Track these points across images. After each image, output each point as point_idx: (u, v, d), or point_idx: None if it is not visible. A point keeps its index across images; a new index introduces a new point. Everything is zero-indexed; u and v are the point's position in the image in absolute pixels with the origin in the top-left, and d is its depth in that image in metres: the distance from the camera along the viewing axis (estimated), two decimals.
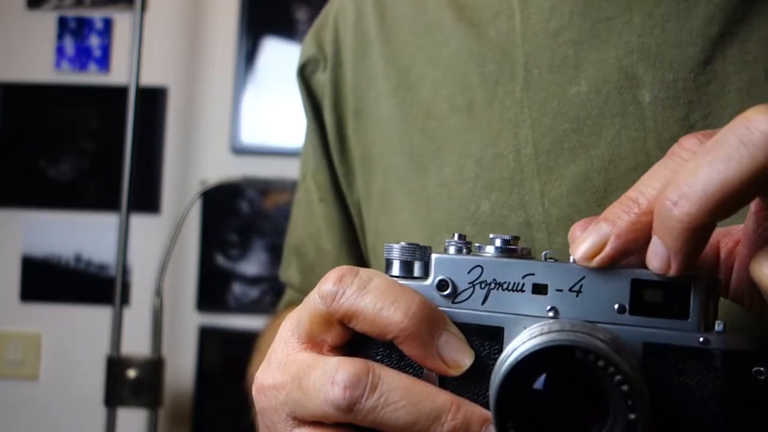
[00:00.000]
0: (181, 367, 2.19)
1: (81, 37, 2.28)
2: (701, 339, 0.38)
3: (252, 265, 2.20)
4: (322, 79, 0.75)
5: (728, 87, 0.55)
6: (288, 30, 2.23)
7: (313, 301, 0.41)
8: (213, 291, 2.21)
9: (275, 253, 2.18)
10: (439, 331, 0.40)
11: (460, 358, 0.40)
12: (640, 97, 0.56)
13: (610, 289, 0.39)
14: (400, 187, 0.66)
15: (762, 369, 0.38)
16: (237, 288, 2.20)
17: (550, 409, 0.37)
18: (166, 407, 2.09)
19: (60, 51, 2.28)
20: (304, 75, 0.77)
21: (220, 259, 2.21)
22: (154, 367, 1.93)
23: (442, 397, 0.39)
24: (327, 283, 0.41)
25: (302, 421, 0.41)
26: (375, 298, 0.40)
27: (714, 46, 0.55)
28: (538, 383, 0.37)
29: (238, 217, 2.21)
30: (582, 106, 0.58)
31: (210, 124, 2.25)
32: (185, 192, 2.21)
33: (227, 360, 2.19)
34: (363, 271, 0.41)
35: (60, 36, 2.28)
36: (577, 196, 0.57)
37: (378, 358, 0.41)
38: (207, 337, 2.20)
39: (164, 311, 2.03)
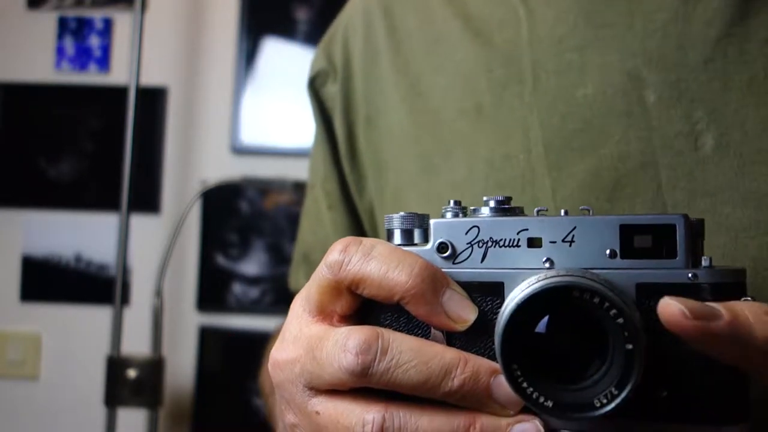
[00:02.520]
0: (181, 367, 2.19)
1: (81, 37, 2.28)
2: (690, 275, 0.40)
3: (252, 265, 2.20)
4: (332, 90, 0.77)
5: (730, 85, 0.56)
6: (288, 30, 2.23)
7: (321, 272, 0.43)
8: (213, 291, 2.21)
9: (275, 253, 2.18)
10: (442, 289, 0.42)
11: (465, 313, 0.42)
12: (645, 97, 0.58)
13: (600, 236, 0.41)
14: (413, 189, 0.68)
15: (750, 298, 0.40)
16: (237, 288, 2.21)
17: (553, 349, 0.39)
18: (166, 407, 2.09)
19: (60, 51, 2.28)
20: (315, 87, 0.79)
21: (220, 259, 2.21)
22: (154, 367, 1.93)
23: (450, 354, 0.41)
24: (333, 253, 0.43)
25: (319, 391, 0.44)
26: (380, 262, 0.42)
27: (714, 47, 0.57)
28: (540, 325, 0.39)
29: (238, 217, 2.21)
30: (589, 107, 0.60)
31: (210, 124, 2.25)
32: (185, 192, 2.22)
33: (227, 360, 2.19)
34: (366, 239, 0.43)
35: (60, 36, 2.29)
36: (587, 192, 0.58)
37: (386, 323, 0.43)
38: (207, 337, 2.20)
39: (164, 311, 2.03)
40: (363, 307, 0.44)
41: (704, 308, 0.37)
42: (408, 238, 0.44)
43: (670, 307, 0.36)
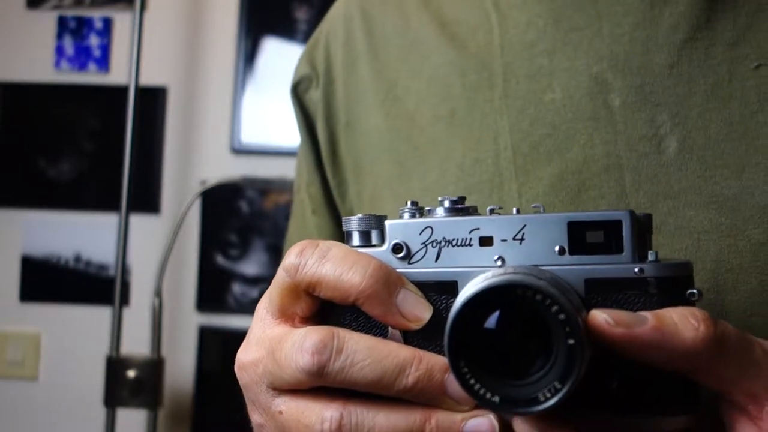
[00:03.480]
0: (181, 367, 2.19)
1: (80, 36, 2.28)
2: (636, 269, 0.41)
3: (252, 265, 2.20)
4: (315, 96, 0.78)
5: (694, 89, 0.57)
6: (288, 30, 2.23)
7: (280, 276, 0.45)
8: (213, 291, 2.21)
9: (275, 253, 2.18)
10: (396, 289, 0.43)
11: (419, 311, 0.43)
12: (610, 101, 0.59)
13: (549, 233, 0.42)
14: (388, 193, 0.69)
15: (695, 291, 0.41)
16: (237, 288, 2.20)
17: (500, 345, 0.40)
18: (165, 407, 2.09)
19: (59, 51, 2.28)
20: (298, 93, 0.80)
21: (220, 259, 2.21)
22: (153, 367, 1.93)
23: (405, 352, 0.42)
24: (290, 257, 0.45)
25: (281, 391, 0.45)
26: (334, 265, 0.43)
27: (679, 51, 0.58)
28: (487, 323, 0.40)
29: (237, 217, 2.21)
30: (557, 112, 0.60)
31: (210, 124, 2.25)
32: (185, 192, 2.21)
33: (227, 360, 2.18)
34: (322, 242, 0.45)
35: (59, 36, 2.28)
36: (552, 195, 0.59)
37: (346, 323, 0.45)
38: (207, 337, 2.20)
39: (164, 311, 2.03)
40: (323, 308, 0.45)
41: (629, 316, 0.38)
42: (365, 240, 0.45)
43: (595, 318, 0.38)
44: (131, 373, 1.91)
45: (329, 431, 0.42)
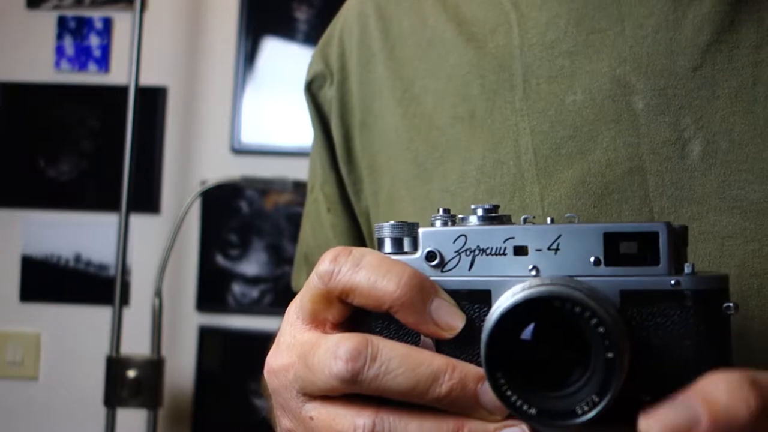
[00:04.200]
0: (181, 367, 2.19)
1: (81, 36, 2.28)
2: (672, 282, 0.40)
3: (252, 265, 2.20)
4: (329, 94, 0.77)
5: (718, 92, 0.56)
6: (288, 30, 2.23)
7: (313, 282, 0.45)
8: (213, 291, 2.21)
9: (275, 254, 2.18)
10: (430, 298, 0.42)
11: (452, 320, 0.42)
12: (633, 104, 0.58)
13: (584, 244, 0.42)
14: (406, 193, 0.68)
15: (731, 305, 0.41)
16: (237, 288, 2.20)
17: (537, 357, 0.40)
18: (165, 407, 2.09)
19: (60, 51, 2.28)
20: (312, 91, 0.79)
21: (220, 259, 2.21)
22: (153, 367, 1.93)
23: (438, 361, 0.42)
24: (324, 263, 0.44)
25: (312, 397, 0.45)
26: (368, 272, 0.43)
27: (703, 54, 0.57)
28: (524, 334, 0.40)
29: (237, 217, 2.21)
30: (578, 113, 0.60)
31: (210, 124, 2.25)
32: (185, 192, 2.21)
33: (227, 360, 2.19)
34: (356, 249, 0.44)
35: (60, 36, 2.28)
36: (575, 198, 0.58)
37: (377, 330, 0.44)
38: (207, 337, 2.20)
39: (164, 311, 2.03)
40: (355, 314, 0.45)
41: (682, 422, 0.36)
42: (398, 247, 0.45)
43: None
44: (131, 373, 1.91)
45: None
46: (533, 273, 0.42)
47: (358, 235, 0.78)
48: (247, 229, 2.21)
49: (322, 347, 0.43)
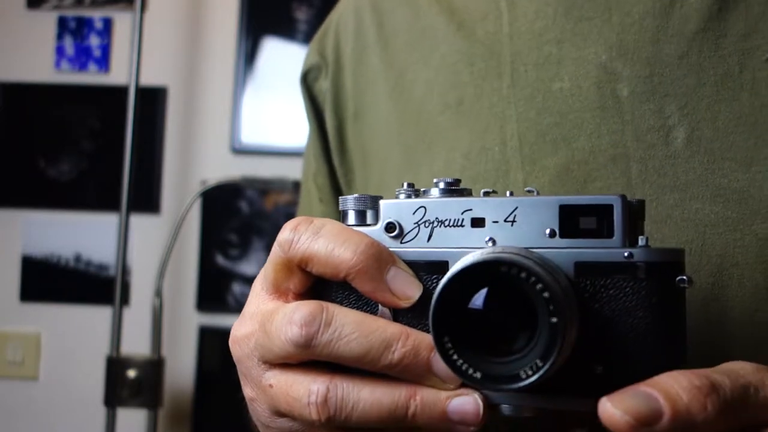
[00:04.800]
0: (181, 367, 2.19)
1: (81, 37, 2.28)
2: (626, 254, 0.41)
3: (252, 265, 2.20)
4: (324, 85, 0.78)
5: (704, 80, 0.56)
6: (288, 30, 2.23)
7: (275, 251, 0.46)
8: (213, 291, 2.21)
9: None
10: (387, 267, 0.43)
11: (409, 290, 0.43)
12: (619, 91, 0.58)
13: (540, 216, 0.42)
14: (395, 181, 0.69)
15: (685, 278, 0.41)
16: (237, 288, 2.20)
17: (485, 323, 0.40)
18: (166, 407, 2.09)
19: (60, 51, 2.28)
20: (307, 82, 0.80)
21: (220, 259, 2.21)
22: (154, 367, 1.93)
23: (392, 328, 0.42)
24: (284, 232, 0.45)
25: (272, 364, 0.46)
26: (327, 240, 0.44)
27: (690, 42, 0.57)
28: (473, 300, 0.40)
29: (238, 217, 2.21)
30: (564, 101, 0.60)
31: (210, 124, 2.25)
32: (185, 192, 2.21)
33: (227, 360, 2.17)
34: (317, 219, 0.45)
35: (60, 36, 2.28)
36: (558, 185, 0.59)
37: (338, 300, 0.45)
38: (207, 337, 2.20)
39: (164, 311, 2.03)
40: (316, 285, 0.46)
41: (645, 409, 0.37)
42: (361, 219, 0.46)
43: (613, 417, 0.37)
44: (131, 373, 1.91)
45: (315, 404, 0.42)
46: (489, 244, 0.43)
47: None
48: (247, 229, 2.21)
49: (280, 314, 0.44)
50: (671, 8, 0.58)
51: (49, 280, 2.25)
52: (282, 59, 2.23)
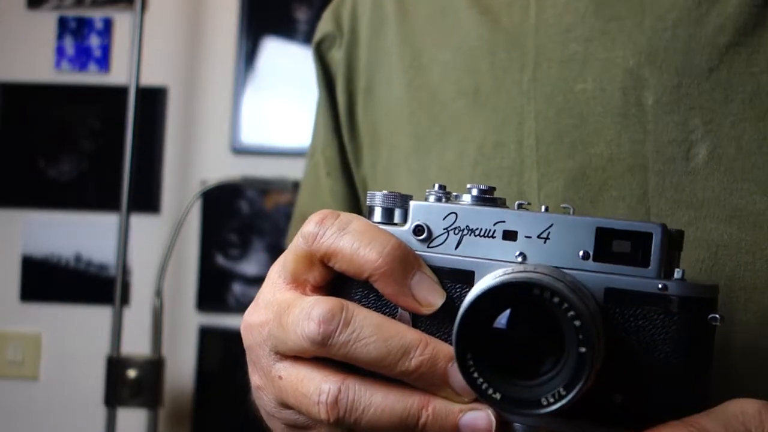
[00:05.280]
0: (181, 367, 2.19)
1: (81, 37, 2.28)
2: (660, 285, 0.39)
3: (252, 265, 2.20)
4: (337, 56, 0.75)
5: (732, 96, 0.54)
6: (288, 30, 2.23)
7: (297, 242, 0.44)
8: (213, 291, 2.21)
9: (275, 253, 2.17)
10: (412, 271, 0.42)
11: (432, 297, 0.42)
12: (644, 99, 0.56)
13: (575, 236, 0.41)
14: (404, 167, 0.67)
15: (717, 316, 0.40)
16: (237, 288, 2.20)
17: (510, 343, 0.39)
18: (166, 407, 2.09)
19: (60, 51, 2.28)
20: (320, 51, 0.77)
21: (220, 259, 2.21)
22: (154, 367, 1.93)
23: (412, 335, 0.41)
24: (309, 225, 0.44)
25: (283, 356, 0.44)
26: (353, 238, 0.42)
27: (721, 56, 0.55)
28: (500, 319, 0.39)
29: (238, 217, 2.21)
30: (586, 103, 0.58)
31: (210, 124, 2.25)
32: (185, 192, 2.21)
33: (227, 360, 2.19)
34: (344, 214, 0.44)
35: (60, 36, 2.28)
36: (572, 191, 0.57)
37: (356, 298, 0.44)
38: (207, 337, 2.20)
39: (164, 311, 2.03)
40: (336, 280, 0.45)
41: None
42: (388, 217, 0.45)
43: None
44: (131, 373, 1.91)
45: (325, 403, 0.41)
46: (519, 259, 0.41)
47: (356, 202, 0.76)
48: (248, 229, 2.21)
49: (298, 307, 0.43)
50: (707, 17, 0.56)
51: (49, 280, 2.25)
52: (282, 59, 2.23)
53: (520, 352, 0.39)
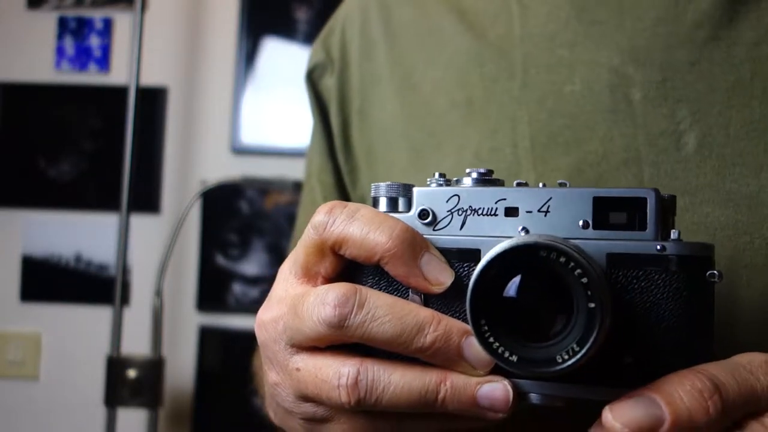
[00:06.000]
0: (181, 367, 2.19)
1: (81, 37, 2.28)
2: (658, 247, 0.41)
3: (252, 265, 2.20)
4: (329, 83, 0.78)
5: (716, 86, 0.57)
6: (288, 30, 2.23)
7: (308, 234, 0.46)
8: (213, 291, 2.21)
9: (275, 253, 2.18)
10: (421, 252, 0.43)
11: (442, 276, 0.43)
12: (631, 95, 0.59)
13: (574, 207, 0.43)
14: (403, 180, 0.68)
15: (715, 272, 0.41)
16: (237, 288, 2.21)
17: (522, 307, 0.41)
18: (166, 407, 2.09)
19: (60, 51, 2.28)
20: (312, 79, 0.80)
21: (220, 259, 2.21)
22: (154, 367, 1.93)
23: (424, 312, 0.43)
24: (319, 215, 0.45)
25: (300, 348, 0.45)
26: (362, 224, 0.44)
27: (701, 50, 0.58)
28: (510, 284, 0.41)
29: (238, 217, 2.21)
30: (576, 104, 0.60)
31: (210, 124, 2.25)
32: (185, 192, 2.21)
33: (227, 360, 2.19)
34: (351, 203, 0.45)
35: (60, 36, 2.28)
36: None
37: (368, 285, 0.45)
38: (207, 337, 2.20)
39: (164, 311, 2.03)
40: (346, 270, 0.46)
41: (645, 418, 0.37)
42: (393, 206, 0.46)
43: (614, 429, 0.38)
44: (131, 373, 1.91)
45: (345, 386, 0.42)
46: (522, 233, 0.43)
47: None
48: (248, 229, 2.21)
49: (312, 296, 0.44)
50: (684, 14, 0.59)
51: (49, 280, 2.25)
52: (282, 59, 2.23)
53: (532, 315, 0.41)
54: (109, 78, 2.27)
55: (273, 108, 2.22)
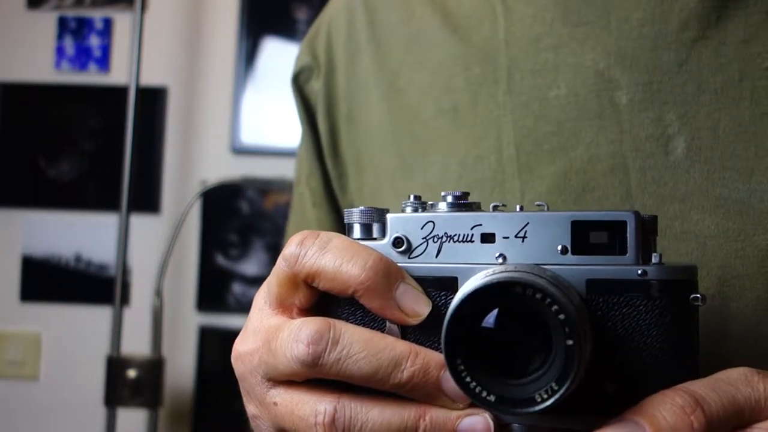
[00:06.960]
0: (181, 367, 2.19)
1: (81, 37, 2.28)
2: (639, 271, 0.40)
3: (252, 265, 2.20)
4: (315, 86, 0.77)
5: (704, 87, 0.55)
6: (288, 30, 2.23)
7: (280, 266, 0.44)
8: (213, 291, 2.21)
9: (275, 253, 2.17)
10: (396, 283, 0.42)
11: (418, 307, 0.42)
12: (617, 99, 0.57)
13: (552, 232, 0.41)
14: (389, 187, 0.68)
15: (698, 296, 0.40)
16: (237, 288, 2.21)
17: (498, 344, 0.39)
18: (166, 407, 2.09)
19: (60, 51, 2.28)
20: (299, 83, 0.79)
21: (220, 259, 2.21)
22: (154, 367, 1.93)
23: (401, 346, 0.41)
24: (290, 246, 0.44)
25: (276, 382, 0.44)
26: (334, 256, 0.42)
27: (689, 50, 0.56)
28: (486, 320, 0.39)
29: (238, 217, 2.21)
30: (561, 109, 0.59)
31: (210, 124, 2.25)
32: (185, 192, 2.21)
33: (227, 360, 2.17)
34: (323, 233, 0.44)
35: (60, 36, 2.28)
36: (555, 195, 0.58)
37: (344, 316, 0.44)
38: (207, 337, 2.20)
39: (164, 311, 2.03)
40: (322, 300, 0.45)
41: None
42: (367, 233, 0.45)
43: None
44: (131, 373, 1.91)
45: (322, 424, 0.41)
46: (500, 261, 0.42)
47: (343, 231, 0.77)
48: (248, 229, 2.21)
49: (285, 331, 0.43)
50: (670, 14, 0.57)
51: (49, 280, 2.25)
52: (282, 59, 2.23)
53: (510, 352, 0.39)
54: (109, 78, 2.27)
55: (273, 108, 2.22)
